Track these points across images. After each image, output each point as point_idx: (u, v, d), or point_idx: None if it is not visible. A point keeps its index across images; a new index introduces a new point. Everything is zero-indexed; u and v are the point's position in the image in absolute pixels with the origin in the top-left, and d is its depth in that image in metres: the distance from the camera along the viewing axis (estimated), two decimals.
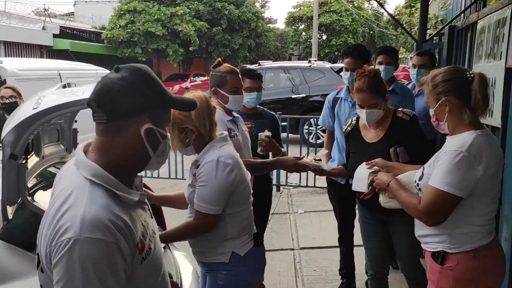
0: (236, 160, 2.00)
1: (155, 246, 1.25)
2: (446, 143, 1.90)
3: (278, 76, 10.96)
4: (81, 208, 1.09)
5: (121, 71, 1.20)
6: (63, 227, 1.07)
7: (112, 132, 1.18)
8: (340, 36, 29.29)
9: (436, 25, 8.74)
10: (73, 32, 21.28)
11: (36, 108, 1.72)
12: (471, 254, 1.83)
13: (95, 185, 1.14)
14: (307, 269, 3.96)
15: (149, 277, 1.22)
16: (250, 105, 3.13)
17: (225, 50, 23.81)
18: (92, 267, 1.05)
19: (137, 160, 1.23)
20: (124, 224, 1.12)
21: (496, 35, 2.59)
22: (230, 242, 2.03)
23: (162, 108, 1.24)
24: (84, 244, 1.05)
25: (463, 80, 1.85)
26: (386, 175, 2.11)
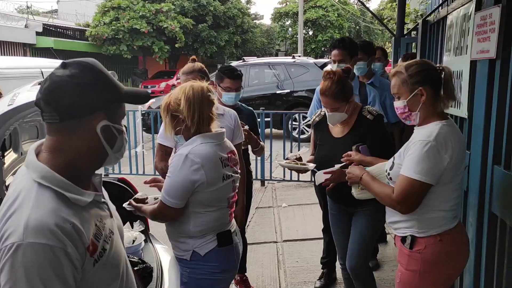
0: (208, 161, 1.94)
1: (112, 247, 1.22)
2: (414, 134, 1.99)
3: (263, 72, 11.00)
4: (26, 212, 1.05)
5: (69, 67, 1.15)
6: (7, 232, 1.04)
7: (65, 132, 1.14)
8: (326, 31, 29.38)
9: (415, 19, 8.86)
10: (57, 30, 21.05)
11: (11, 104, 1.75)
12: (438, 237, 1.93)
13: (43, 187, 1.11)
14: (289, 261, 4.04)
15: (103, 278, 1.19)
16: (228, 103, 3.18)
17: (211, 47, 23.78)
18: (36, 272, 1.01)
19: (94, 158, 1.21)
20: (73, 227, 1.08)
21: (462, 29, 2.68)
22: (192, 240, 2.02)
23: (116, 104, 1.21)
24: (27, 249, 1.01)
25: (435, 71, 1.96)
26: (358, 168, 2.18)
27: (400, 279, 2.03)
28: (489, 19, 2.21)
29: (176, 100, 1.95)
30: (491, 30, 2.19)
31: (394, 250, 4.18)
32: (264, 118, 6.46)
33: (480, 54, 2.31)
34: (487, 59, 2.23)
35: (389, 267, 3.83)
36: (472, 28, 2.46)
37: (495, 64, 2.18)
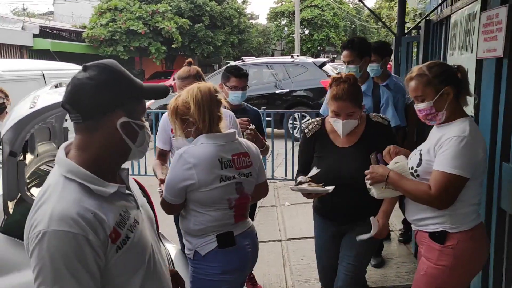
0: (201, 162, 1.93)
1: (136, 235, 1.28)
2: (439, 131, 2.01)
3: (261, 72, 11.04)
4: (51, 204, 1.15)
5: (88, 69, 1.24)
6: (35, 221, 1.15)
7: (88, 130, 1.23)
8: (322, 30, 29.47)
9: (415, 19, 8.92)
10: (53, 32, 20.99)
11: (33, 107, 1.79)
12: (470, 233, 1.97)
13: (69, 180, 1.20)
14: (294, 259, 4.07)
15: (128, 265, 1.25)
16: (235, 102, 3.22)
17: (207, 47, 23.77)
18: (60, 257, 1.11)
19: (117, 153, 1.29)
20: (94, 216, 1.17)
21: (467, 29, 2.73)
22: (194, 239, 2.05)
23: (134, 101, 1.28)
24: (51, 236, 1.11)
25: (453, 70, 2.02)
26: (381, 167, 2.12)
27: (425, 271, 2.04)
28: (496, 19, 2.25)
29: (185, 103, 1.97)
30: (498, 30, 2.24)
31: (398, 246, 4.24)
32: (266, 118, 6.50)
33: (487, 53, 2.36)
34: (494, 58, 2.28)
35: (394, 264, 3.88)
36: (477, 27, 2.51)
37: (502, 63, 2.23)
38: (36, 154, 2.35)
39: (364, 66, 3.23)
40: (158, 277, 1.40)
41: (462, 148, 1.88)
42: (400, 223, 4.77)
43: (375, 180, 2.13)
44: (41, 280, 1.12)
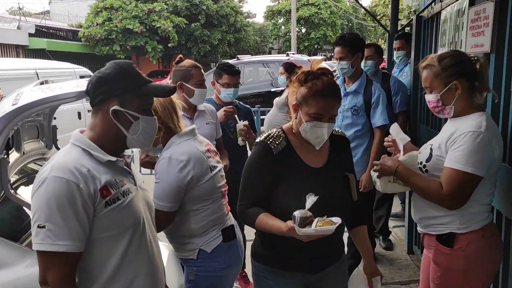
0: (192, 157, 1.96)
1: (127, 201, 1.46)
2: (453, 125, 1.88)
3: (257, 70, 11.04)
4: (56, 159, 1.39)
5: (107, 65, 1.48)
6: (41, 173, 1.37)
7: (94, 115, 1.48)
8: (319, 29, 29.43)
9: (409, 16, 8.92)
10: (49, 31, 20.91)
11: (15, 104, 1.77)
12: (481, 232, 1.85)
13: (74, 146, 1.44)
14: None
15: (116, 224, 1.43)
16: (227, 99, 3.22)
17: (204, 46, 23.72)
18: (54, 199, 1.31)
19: (114, 136, 1.47)
20: (88, 172, 1.38)
21: (456, 24, 2.72)
22: (196, 238, 2.03)
23: (133, 94, 1.46)
24: (50, 181, 1.32)
25: (470, 62, 1.86)
26: (391, 159, 2.00)
27: (439, 280, 1.91)
28: (483, 14, 2.25)
29: None
30: (485, 25, 2.23)
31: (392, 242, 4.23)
32: (260, 116, 6.49)
33: (475, 48, 2.35)
34: (481, 53, 2.27)
35: (386, 260, 3.88)
36: (466, 23, 2.50)
37: (490, 58, 2.22)
38: (22, 152, 2.34)
39: (357, 62, 3.18)
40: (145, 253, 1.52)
41: (478, 144, 1.75)
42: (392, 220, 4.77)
43: (383, 172, 2.01)
44: (36, 218, 1.32)
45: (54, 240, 1.30)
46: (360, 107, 3.18)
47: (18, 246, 1.93)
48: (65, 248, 1.31)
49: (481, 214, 1.88)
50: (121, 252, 1.44)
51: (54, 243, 1.30)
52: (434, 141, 1.97)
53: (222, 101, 3.25)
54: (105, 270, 1.42)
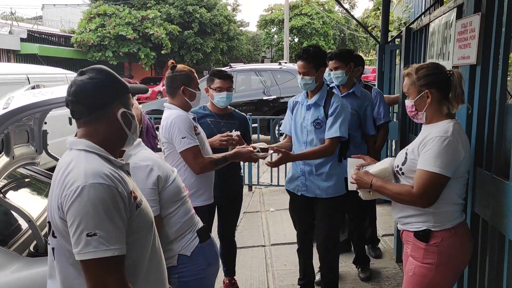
0: (155, 160, 2.02)
1: (144, 205, 1.51)
2: (425, 131, 2.09)
3: (249, 78, 11.08)
4: (82, 167, 1.36)
5: (87, 72, 1.46)
6: (70, 181, 1.34)
7: (93, 122, 1.45)
8: (311, 38, 29.64)
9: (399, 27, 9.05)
10: (41, 36, 20.84)
11: (6, 108, 1.78)
12: (452, 230, 2.03)
13: (89, 152, 1.43)
14: (277, 264, 4.08)
15: (142, 224, 1.48)
16: (221, 104, 3.21)
17: (197, 54, 23.78)
18: (100, 204, 1.30)
19: (117, 139, 1.51)
20: (119, 175, 1.41)
21: (444, 36, 2.78)
22: (174, 244, 2.04)
23: (126, 94, 1.52)
24: (90, 188, 1.31)
25: (443, 75, 2.07)
26: (365, 175, 2.23)
27: (414, 272, 2.09)
28: (470, 27, 2.30)
29: None
30: (471, 37, 2.28)
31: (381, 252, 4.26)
32: (252, 124, 6.52)
33: (462, 60, 2.40)
34: (468, 65, 2.32)
35: (375, 268, 3.90)
36: (453, 35, 2.55)
37: (476, 70, 2.27)
38: (12, 156, 2.33)
39: (320, 76, 3.03)
40: (159, 255, 1.60)
41: (444, 147, 1.94)
42: (382, 229, 4.81)
43: (361, 186, 2.25)
44: (83, 228, 1.29)
45: (108, 245, 1.30)
46: (322, 119, 3.01)
47: (6, 251, 1.92)
48: (118, 251, 1.32)
49: (454, 214, 2.05)
50: (148, 252, 1.51)
51: (109, 248, 1.30)
52: (409, 146, 2.16)
53: (217, 107, 3.25)
54: (139, 271, 1.47)
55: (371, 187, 2.18)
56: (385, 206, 5.21)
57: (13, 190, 2.44)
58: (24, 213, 1.97)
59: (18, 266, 1.85)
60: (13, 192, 2.40)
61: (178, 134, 2.60)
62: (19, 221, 2.20)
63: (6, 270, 1.82)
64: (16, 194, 2.57)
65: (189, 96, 2.73)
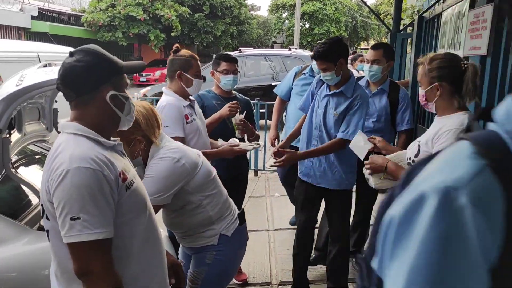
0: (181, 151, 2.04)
1: (136, 185, 1.50)
2: (439, 123, 2.05)
3: (259, 64, 11.02)
4: (69, 150, 1.36)
5: (75, 54, 1.44)
6: (56, 165, 1.34)
7: (82, 104, 1.44)
8: (323, 25, 29.36)
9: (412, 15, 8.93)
10: (52, 15, 20.83)
11: (19, 85, 1.81)
12: None
13: (78, 135, 1.41)
14: (280, 249, 4.11)
15: (135, 205, 1.47)
16: (227, 87, 3.24)
17: (207, 37, 23.66)
18: (84, 188, 1.30)
19: (110, 121, 1.49)
20: (106, 158, 1.39)
21: (456, 26, 2.76)
22: (215, 225, 2.11)
23: (118, 76, 1.49)
24: (75, 172, 1.31)
25: (457, 68, 1.99)
26: (380, 158, 2.22)
27: None
28: (482, 17, 2.28)
29: None
30: (483, 28, 2.27)
31: None
32: (260, 109, 6.52)
33: (472, 51, 2.39)
34: (478, 56, 2.31)
35: None
36: (465, 25, 2.54)
37: (486, 61, 2.26)
38: (23, 133, 2.37)
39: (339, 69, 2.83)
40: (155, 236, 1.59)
41: None
42: None
43: (375, 170, 2.21)
44: (67, 211, 1.30)
45: (92, 229, 1.30)
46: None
47: (17, 224, 1.98)
48: (103, 235, 1.32)
49: None
50: (140, 233, 1.50)
51: (93, 232, 1.30)
52: (422, 138, 2.13)
53: (223, 90, 3.28)
54: (130, 252, 1.46)
55: (386, 169, 2.15)
56: None
57: (24, 166, 2.49)
58: (35, 188, 2.02)
59: (29, 239, 1.90)
60: (25, 168, 2.45)
61: (162, 122, 2.61)
62: (29, 196, 2.25)
63: (17, 243, 1.88)
64: (28, 170, 2.62)
65: (185, 81, 2.70)
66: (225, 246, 2.12)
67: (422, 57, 2.13)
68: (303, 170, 3.10)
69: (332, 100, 2.90)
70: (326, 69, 2.80)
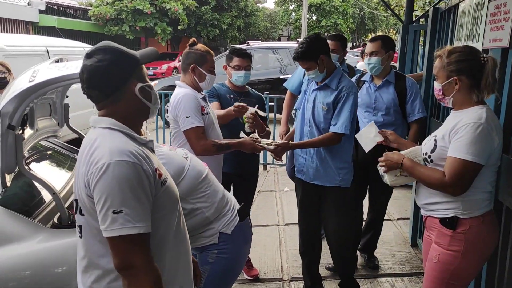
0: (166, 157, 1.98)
1: (170, 182, 1.51)
2: (456, 117, 2.01)
3: (266, 57, 10.96)
4: (107, 145, 1.35)
5: (94, 55, 1.42)
6: (95, 159, 1.33)
7: (112, 103, 1.44)
8: (330, 17, 29.15)
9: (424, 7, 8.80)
10: (59, 9, 20.82)
11: (32, 81, 1.78)
12: (481, 218, 1.99)
13: (113, 130, 1.41)
14: (291, 244, 4.09)
15: (168, 201, 1.48)
16: (238, 83, 3.22)
17: (213, 30, 23.57)
18: (125, 182, 1.30)
19: (140, 114, 1.50)
20: (143, 153, 1.39)
21: (475, 17, 2.69)
22: (214, 224, 2.07)
23: (138, 67, 1.48)
24: (116, 165, 1.30)
25: (476, 62, 1.96)
26: (396, 154, 2.18)
27: (438, 259, 2.06)
28: (503, 8, 2.22)
29: None
30: (505, 19, 2.20)
31: (395, 235, 4.25)
32: (269, 103, 6.48)
33: (493, 43, 2.32)
34: (499, 48, 2.25)
35: (389, 252, 3.90)
36: (485, 16, 2.47)
37: (508, 53, 2.20)
38: (36, 129, 2.36)
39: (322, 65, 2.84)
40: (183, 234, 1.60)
41: (478, 134, 1.88)
42: (397, 212, 4.79)
43: (391, 167, 2.17)
44: (109, 205, 1.29)
45: (134, 223, 1.30)
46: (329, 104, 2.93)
47: (31, 221, 1.96)
48: (144, 229, 1.32)
49: (483, 202, 2.00)
50: (172, 229, 1.51)
51: (135, 226, 1.30)
52: (438, 132, 2.09)
53: (234, 85, 3.25)
54: (164, 247, 1.47)
55: (402, 166, 2.11)
56: (401, 189, 5.18)
57: (36, 162, 2.48)
58: (48, 185, 2.00)
59: (43, 237, 1.89)
60: (36, 165, 2.43)
61: (183, 113, 2.59)
62: (42, 193, 2.24)
63: (32, 240, 1.87)
64: (39, 166, 2.61)
65: (198, 75, 2.70)
66: (226, 244, 2.09)
67: (440, 50, 2.07)
68: (297, 167, 3.09)
69: (320, 94, 2.91)
70: (309, 68, 2.84)
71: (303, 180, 3.05)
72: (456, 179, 1.92)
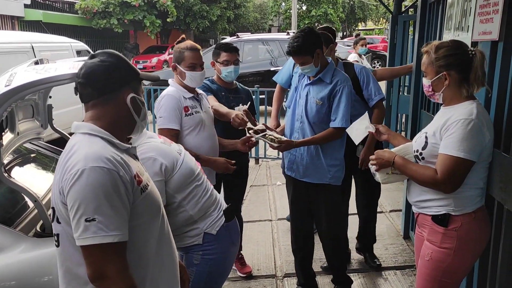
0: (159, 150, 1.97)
1: (151, 190, 1.48)
2: (446, 113, 1.98)
3: (256, 49, 10.89)
4: (84, 150, 1.33)
5: (98, 56, 1.45)
6: (70, 165, 1.30)
7: (101, 104, 1.43)
8: (320, 6, 28.99)
9: None
10: (45, 2, 20.48)
11: (8, 85, 1.72)
12: (472, 215, 1.97)
13: (93, 136, 1.39)
14: (284, 239, 4.08)
15: (148, 209, 1.45)
16: (228, 79, 3.17)
17: (203, 22, 23.34)
18: (100, 188, 1.26)
19: (125, 125, 1.48)
20: (121, 159, 1.36)
21: (464, 9, 2.65)
22: (199, 224, 2.05)
23: (137, 81, 1.50)
24: (90, 171, 1.27)
25: (465, 56, 1.93)
26: (387, 152, 2.15)
27: (431, 256, 2.05)
28: (493, 0, 2.18)
29: None
30: (494, 11, 2.17)
31: (388, 228, 4.25)
32: (259, 95, 6.43)
33: (482, 36, 2.29)
34: (489, 41, 2.22)
35: (382, 245, 3.90)
36: (474, 8, 2.43)
37: (497, 46, 2.17)
38: (17, 133, 2.29)
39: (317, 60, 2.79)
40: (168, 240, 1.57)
41: (469, 131, 1.86)
42: (389, 204, 4.78)
43: (381, 165, 2.14)
44: (82, 212, 1.25)
45: (107, 231, 1.26)
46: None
47: (12, 231, 1.90)
48: (118, 237, 1.28)
49: (474, 198, 1.99)
50: (154, 237, 1.47)
51: (108, 234, 1.26)
52: (428, 129, 2.06)
53: (224, 81, 3.20)
54: (143, 256, 1.44)
55: (394, 164, 2.09)
56: None
57: (19, 167, 2.41)
58: (30, 193, 1.94)
59: (25, 247, 1.83)
60: (19, 169, 2.36)
61: (159, 113, 2.63)
62: (25, 200, 2.18)
63: (14, 251, 1.81)
64: (22, 171, 2.54)
65: (179, 74, 2.69)
66: (211, 244, 2.06)
67: (427, 45, 2.04)
68: (287, 164, 3.05)
69: (313, 89, 2.86)
70: (304, 62, 2.74)
71: (293, 177, 3.01)
72: (448, 176, 1.90)
